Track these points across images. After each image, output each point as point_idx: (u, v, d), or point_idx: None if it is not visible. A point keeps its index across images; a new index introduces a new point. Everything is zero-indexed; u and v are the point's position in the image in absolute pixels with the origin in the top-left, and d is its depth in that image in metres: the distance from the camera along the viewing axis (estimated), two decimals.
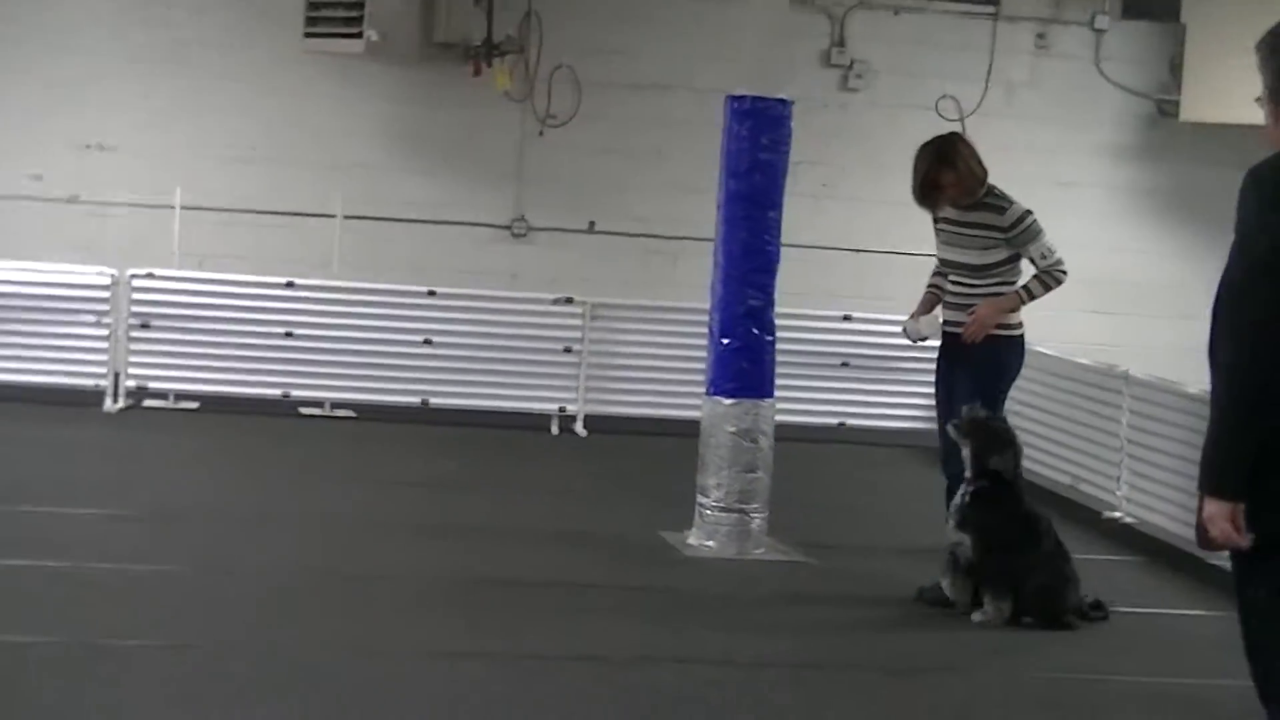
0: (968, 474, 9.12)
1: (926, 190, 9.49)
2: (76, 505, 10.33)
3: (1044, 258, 9.38)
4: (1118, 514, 11.97)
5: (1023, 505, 9.18)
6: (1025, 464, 12.25)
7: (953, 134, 9.83)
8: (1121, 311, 16.37)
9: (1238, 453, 4.87)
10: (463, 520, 10.85)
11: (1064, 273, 9.40)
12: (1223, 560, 10.61)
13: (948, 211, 9.55)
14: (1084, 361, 12.96)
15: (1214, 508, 4.94)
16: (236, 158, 15.24)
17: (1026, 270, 9.57)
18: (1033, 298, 9.42)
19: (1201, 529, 5.02)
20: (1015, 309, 9.45)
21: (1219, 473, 4.93)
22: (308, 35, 14.81)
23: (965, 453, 9.11)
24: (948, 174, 9.43)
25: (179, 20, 15.11)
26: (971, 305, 9.45)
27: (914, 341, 10.00)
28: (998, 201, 9.44)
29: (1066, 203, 16.11)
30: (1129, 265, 16.40)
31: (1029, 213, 9.42)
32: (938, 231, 9.65)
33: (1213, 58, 15.66)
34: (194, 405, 14.13)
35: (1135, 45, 16.41)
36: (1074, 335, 15.33)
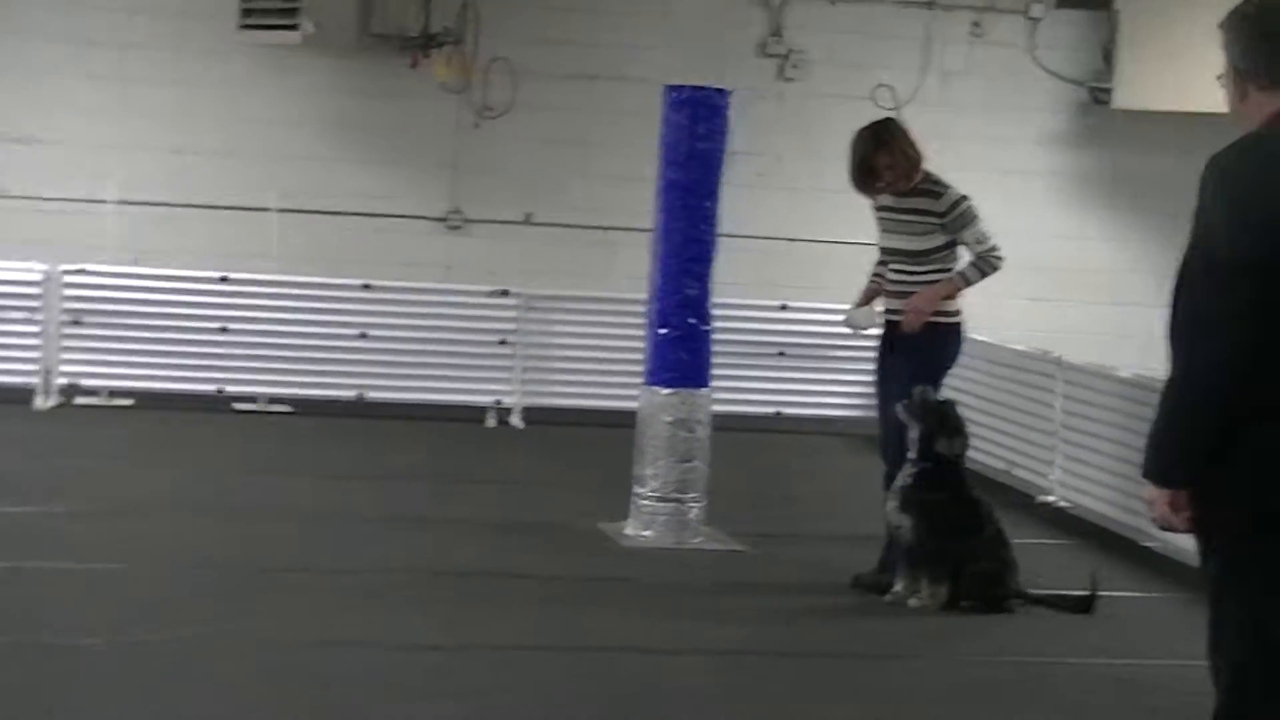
0: (911, 455, 9.14)
1: (862, 175, 9.52)
2: (8, 504, 10.24)
3: (979, 243, 9.40)
4: (1052, 498, 12.04)
5: (966, 490, 9.22)
6: None
7: (888, 119, 9.85)
8: (1056, 298, 16.43)
9: (1191, 447, 4.87)
10: (402, 513, 10.83)
11: (1000, 258, 9.41)
12: (1156, 542, 10.75)
13: (886, 199, 9.57)
14: (1019, 348, 13.03)
15: (1157, 493, 4.95)
16: (171, 151, 15.14)
17: (965, 257, 9.60)
18: (969, 283, 9.43)
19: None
20: (951, 295, 9.45)
21: (1168, 462, 4.94)
22: (243, 27, 14.72)
23: (912, 434, 9.12)
24: (883, 158, 9.46)
25: (113, 11, 15.00)
26: (911, 293, 9.47)
27: (854, 331, 10.01)
28: (934, 187, 9.46)
29: (1002, 190, 16.13)
30: (1064, 252, 16.46)
31: (965, 198, 9.44)
32: (878, 220, 9.68)
33: (1145, 45, 15.75)
34: (128, 402, 14.04)
35: (1069, 33, 16.47)
36: (1009, 321, 15.36)
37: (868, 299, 9.81)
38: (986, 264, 9.40)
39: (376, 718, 6.83)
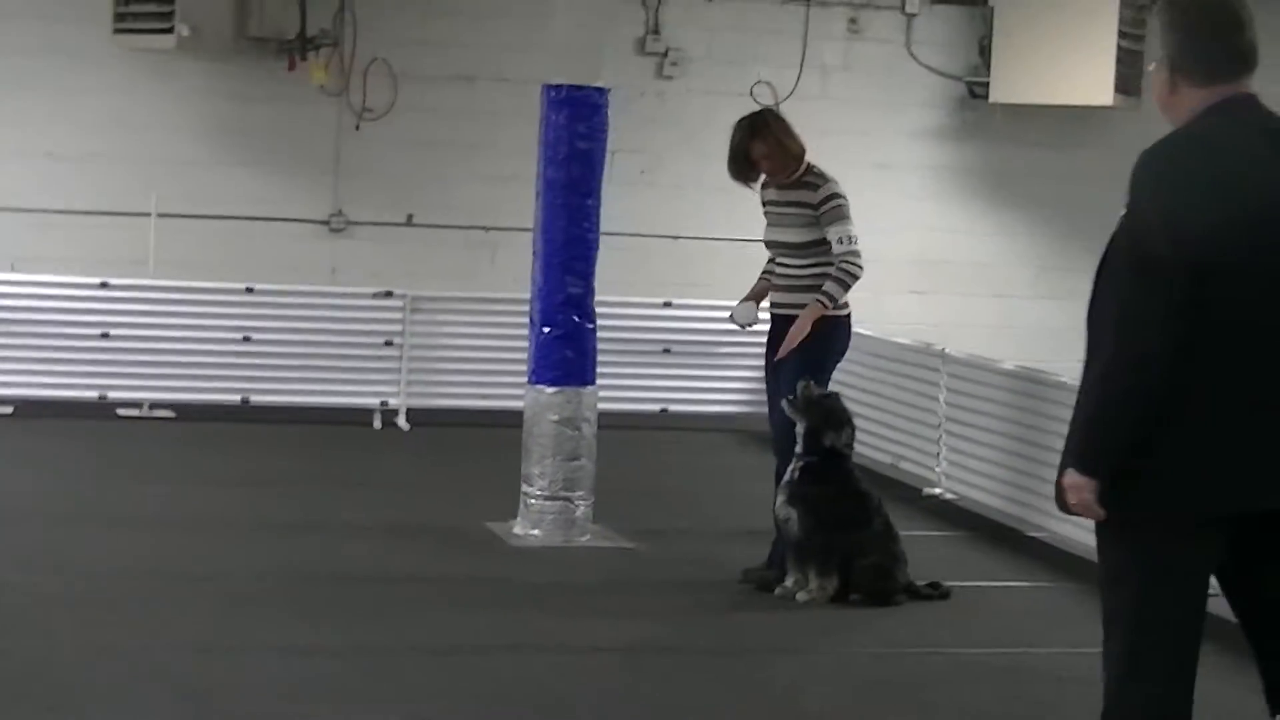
0: (799, 449, 9.19)
1: (738, 164, 9.59)
2: None
3: (840, 243, 9.35)
4: (937, 490, 12.14)
5: (854, 482, 9.27)
6: None
7: (766, 109, 9.94)
8: (938, 290, 16.58)
9: (1116, 439, 4.94)
10: (288, 517, 10.78)
11: (858, 265, 9.35)
12: (1042, 533, 10.86)
13: (772, 192, 9.62)
14: (902, 341, 13.12)
15: (1080, 480, 5.01)
16: (47, 156, 14.98)
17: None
18: (834, 300, 9.36)
19: (1060, 492, 5.09)
20: (819, 316, 9.41)
21: (1092, 453, 4.99)
22: (117, 31, 14.60)
23: (799, 429, 9.17)
24: (758, 146, 9.52)
25: None
26: (795, 286, 9.47)
27: (740, 327, 10.03)
28: (814, 179, 9.51)
29: (883, 184, 16.28)
30: (945, 245, 16.60)
31: (839, 195, 9.44)
32: (765, 213, 9.72)
33: (1020, 40, 15.91)
34: (7, 410, 13.89)
35: (945, 28, 16.60)
36: (893, 315, 15.49)
37: (756, 295, 9.83)
38: (845, 274, 9.34)
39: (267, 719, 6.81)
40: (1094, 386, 5.01)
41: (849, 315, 9.54)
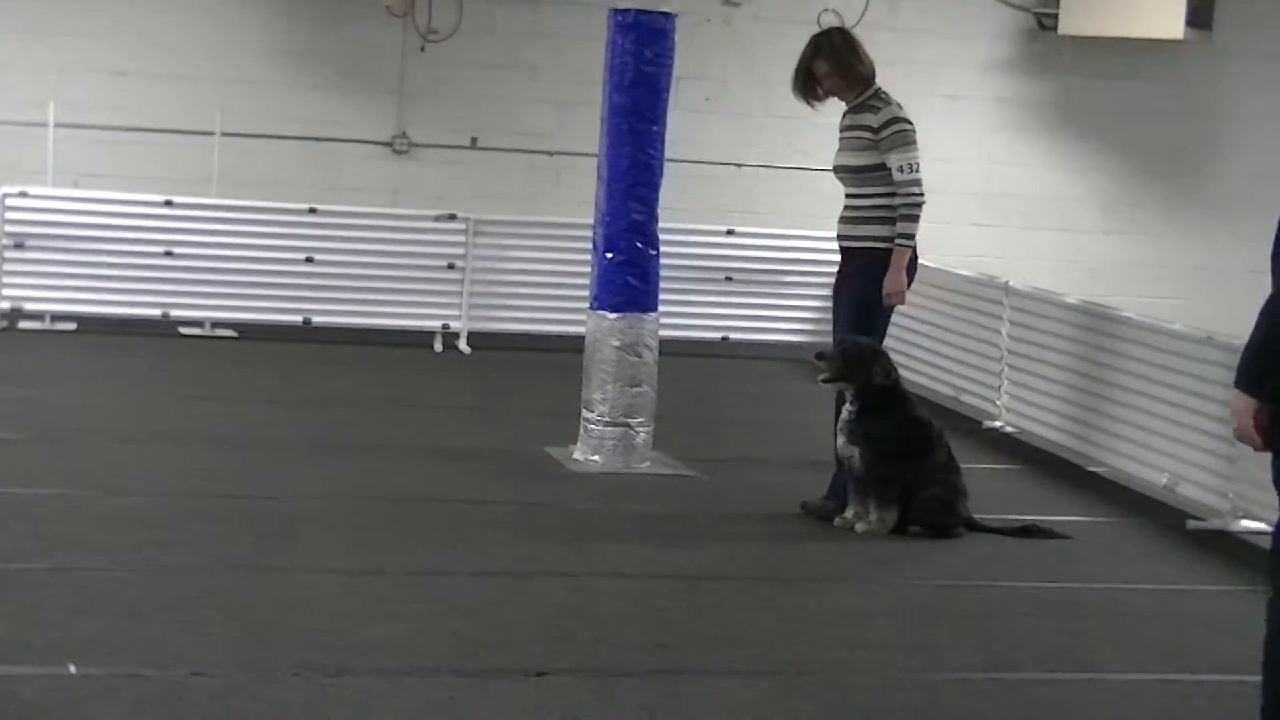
0: (849, 400, 9.16)
1: (801, 79, 9.56)
2: None
3: (901, 171, 9.26)
4: (998, 423, 12.09)
5: (910, 411, 9.24)
6: (910, 376, 12.39)
7: (836, 29, 9.87)
8: (1003, 224, 16.49)
9: (1271, 361, 5.04)
10: (347, 438, 10.81)
11: (919, 194, 9.28)
12: (1103, 468, 10.84)
13: (843, 118, 9.55)
14: (965, 273, 13.05)
15: (1245, 402, 5.12)
16: (112, 73, 15.01)
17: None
18: (911, 237, 9.32)
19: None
20: (905, 259, 9.34)
21: (1258, 373, 5.19)
22: None
23: (840, 391, 9.19)
24: (821, 64, 9.47)
25: None
26: (855, 218, 9.42)
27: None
28: (877, 103, 9.42)
29: (949, 116, 16.19)
30: (1010, 178, 16.51)
31: (903, 119, 9.35)
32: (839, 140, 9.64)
33: None
34: (71, 326, 13.98)
35: None
36: (957, 248, 15.43)
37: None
38: (911, 207, 9.27)
39: (324, 639, 6.83)
40: (1265, 311, 5.17)
41: (914, 246, 9.45)
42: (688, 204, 14.75)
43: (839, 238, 9.56)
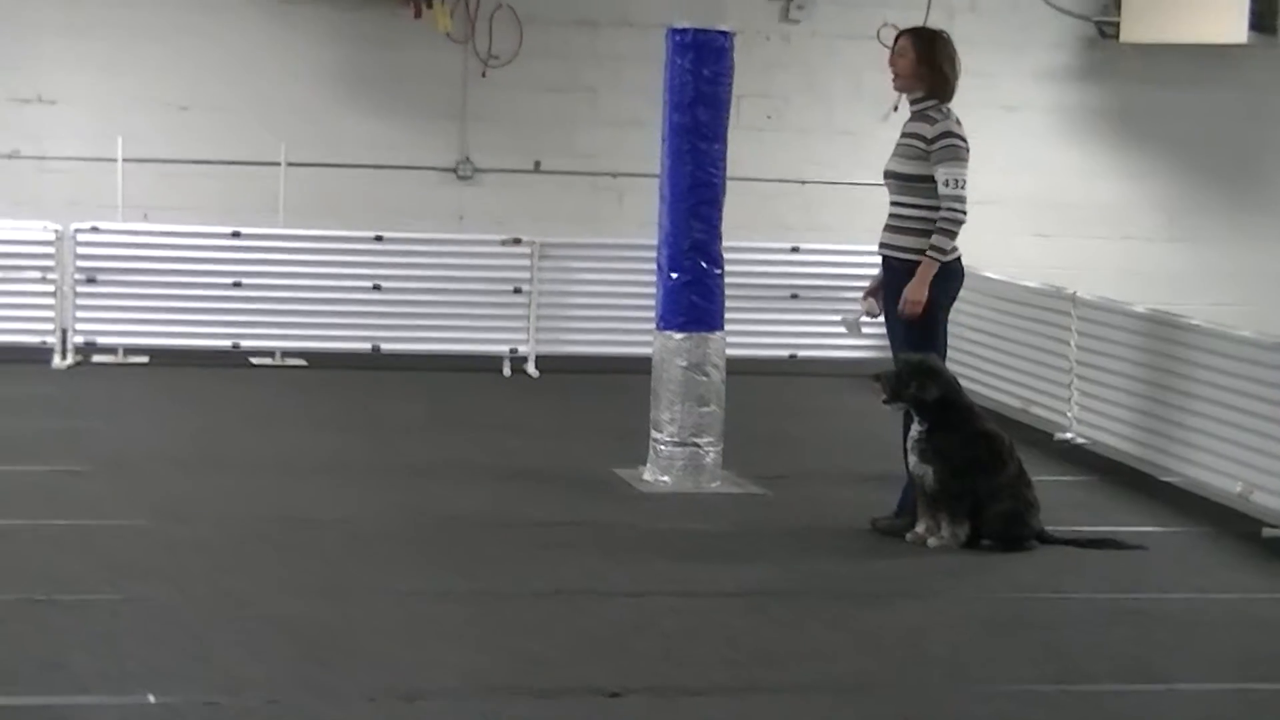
0: (916, 420, 9.14)
1: (892, 47, 9.66)
2: (29, 462, 10.29)
3: (946, 185, 9.18)
4: (1069, 435, 12.03)
5: (978, 425, 9.21)
6: (977, 389, 12.35)
7: (936, 30, 9.85)
8: (1067, 234, 16.41)
9: None
10: (419, 462, 10.85)
11: (962, 211, 9.19)
12: (1176, 477, 10.77)
13: (905, 125, 9.53)
14: (1031, 284, 12.99)
15: None
16: (177, 107, 15.12)
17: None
18: (943, 251, 9.24)
19: None
20: (932, 272, 9.29)
21: None
22: None
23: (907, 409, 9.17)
24: (900, 42, 9.55)
25: None
26: (898, 228, 9.36)
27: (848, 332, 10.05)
28: (936, 115, 9.36)
29: (1010, 126, 16.13)
30: (1073, 187, 16.43)
31: (958, 135, 9.27)
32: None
33: None
34: (143, 359, 14.06)
35: None
36: (1020, 259, 15.36)
37: (875, 291, 9.67)
38: (950, 222, 9.19)
39: (395, 662, 6.86)
40: None
41: (958, 258, 9.39)
42: (751, 222, 14.72)
43: (881, 246, 9.51)
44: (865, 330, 10.24)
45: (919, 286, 9.22)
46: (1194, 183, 16.63)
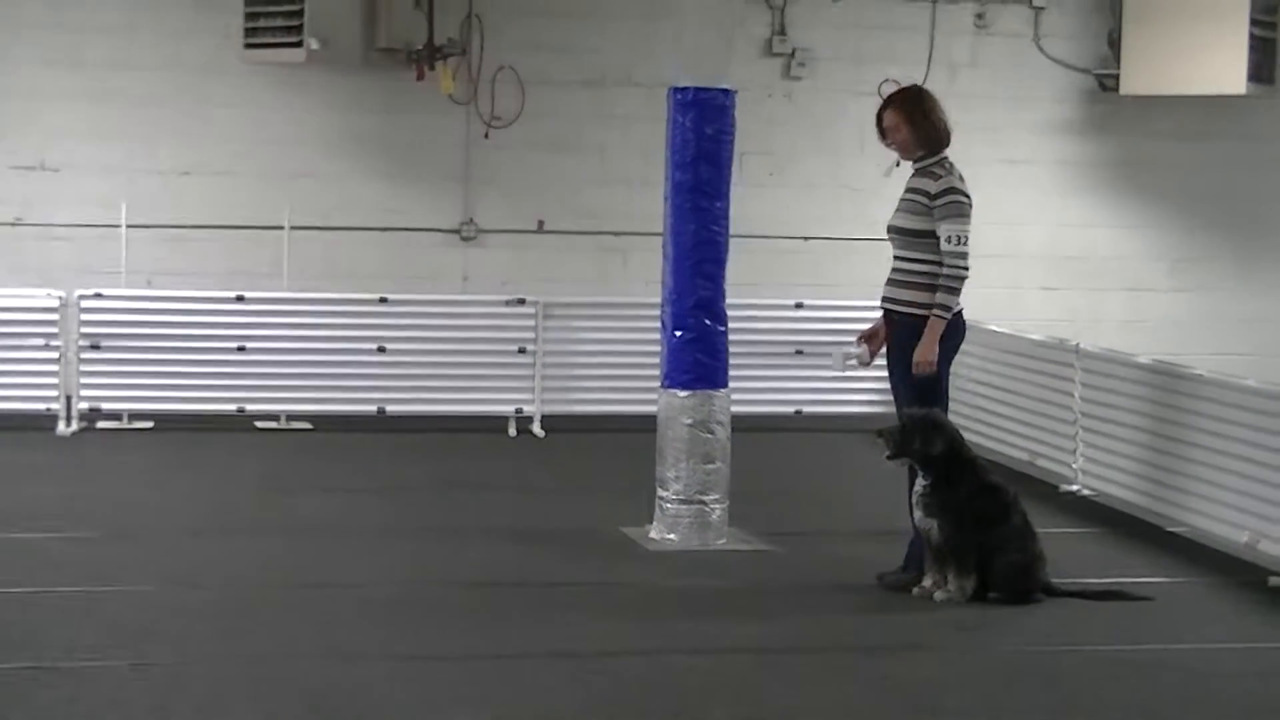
0: (920, 475, 9.14)
1: (878, 127, 9.64)
2: (34, 529, 10.29)
3: (949, 241, 9.20)
4: (1075, 487, 12.02)
5: (983, 478, 9.20)
6: (983, 442, 12.36)
7: (917, 86, 9.90)
8: (1071, 286, 16.44)
9: None
10: (425, 524, 10.85)
11: (964, 267, 9.21)
12: (1182, 528, 10.76)
13: (909, 180, 9.54)
14: (1036, 337, 13.01)
15: None
16: (180, 172, 15.17)
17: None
18: (949, 309, 9.27)
19: None
20: (939, 331, 9.32)
21: None
22: (248, 46, 14.76)
23: (911, 464, 9.17)
24: (889, 115, 9.53)
25: (117, 36, 15.04)
26: (900, 281, 9.38)
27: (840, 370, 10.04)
28: (939, 170, 9.40)
29: (1013, 180, 16.19)
30: (1076, 240, 16.48)
31: (961, 191, 9.30)
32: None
33: (1150, 31, 15.75)
34: (148, 425, 14.07)
35: (1073, 21, 16.47)
36: (1025, 312, 15.42)
37: (871, 335, 9.68)
38: (952, 279, 9.21)
39: None
40: None
41: (959, 312, 9.40)
42: (755, 279, 14.77)
43: (883, 300, 9.52)
44: (862, 379, 10.21)
45: (929, 346, 9.24)
46: (1197, 233, 16.67)
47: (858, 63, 16.01)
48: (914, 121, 9.47)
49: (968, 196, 9.34)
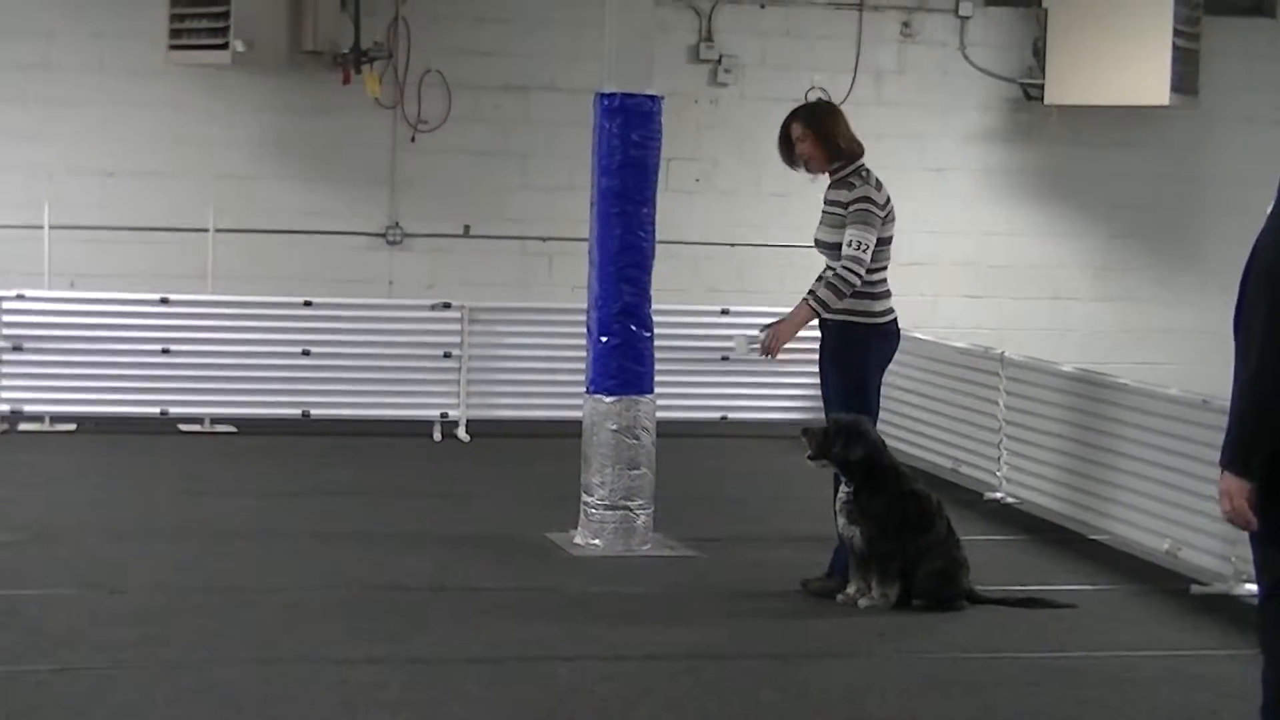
0: (843, 483, 9.16)
1: (782, 143, 9.63)
2: None
3: (850, 245, 9.23)
4: (999, 494, 12.08)
5: (905, 485, 9.23)
6: (907, 449, 12.40)
7: (821, 100, 9.93)
8: (994, 294, 16.53)
9: (1267, 435, 4.95)
10: (348, 528, 10.82)
11: (856, 274, 9.20)
12: (1104, 535, 10.82)
13: (827, 191, 9.56)
14: (960, 345, 13.07)
15: (1231, 483, 5.01)
16: (103, 174, 15.08)
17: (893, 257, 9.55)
18: (823, 304, 9.28)
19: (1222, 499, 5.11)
20: (807, 321, 9.34)
21: (1242, 450, 5.02)
22: (173, 48, 14.70)
23: (834, 470, 9.19)
24: (797, 127, 9.53)
25: (42, 36, 14.94)
26: None
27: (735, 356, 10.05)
28: (855, 180, 9.41)
29: (938, 187, 16.27)
30: (1001, 248, 16.57)
31: (871, 200, 9.32)
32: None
33: (1075, 41, 15.87)
34: (71, 427, 13.99)
35: (999, 30, 16.57)
36: (950, 319, 15.50)
37: (776, 324, 9.70)
38: (840, 279, 9.23)
39: None
40: (1244, 390, 5.01)
41: (893, 320, 9.46)
42: (681, 285, 14.81)
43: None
44: (788, 385, 10.21)
45: (788, 328, 9.33)
46: (1120, 242, 16.79)
47: (784, 69, 16.05)
48: (821, 133, 9.46)
49: (880, 206, 9.35)
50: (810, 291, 9.33)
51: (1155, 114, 16.08)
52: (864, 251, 9.25)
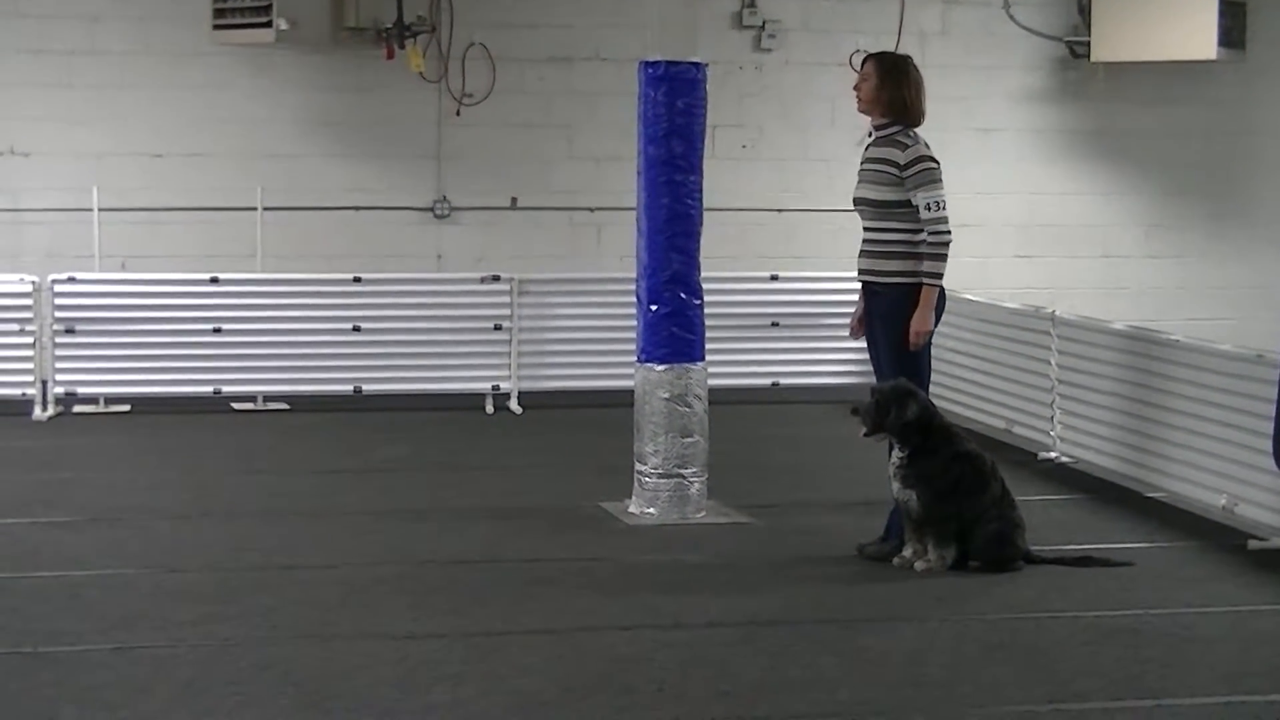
0: (896, 447, 9.15)
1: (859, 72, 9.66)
2: (12, 515, 10.27)
3: (928, 209, 9.21)
4: (1053, 454, 12.05)
5: (959, 447, 9.20)
6: (960, 411, 12.38)
7: (902, 56, 9.79)
8: (1045, 254, 16.47)
9: None
10: (403, 504, 10.84)
11: (947, 232, 9.23)
12: (1158, 493, 10.79)
13: (868, 150, 9.52)
14: (1011, 305, 13.03)
15: None
16: (151, 155, 15.13)
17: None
18: (938, 276, 9.29)
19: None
20: (934, 300, 9.33)
21: None
22: (217, 27, 14.73)
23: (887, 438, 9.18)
24: (866, 66, 9.54)
25: (86, 20, 14.98)
26: (875, 252, 9.37)
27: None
28: (905, 140, 9.37)
29: (985, 149, 16.21)
30: (1051, 207, 16.50)
31: (929, 158, 9.30)
32: (859, 171, 9.61)
33: None
34: (125, 408, 14.05)
35: None
36: (1000, 280, 15.44)
37: (857, 323, 9.68)
38: (938, 245, 9.23)
39: (391, 707, 6.84)
40: None
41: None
42: (730, 252, 14.78)
43: (861, 273, 9.51)
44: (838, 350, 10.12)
45: (924, 316, 9.24)
46: (1170, 198, 16.71)
47: (827, 34, 16.00)
48: (884, 81, 9.43)
49: (937, 162, 9.33)
50: (918, 275, 9.25)
51: (1202, 69, 15.97)
52: (943, 210, 9.24)
